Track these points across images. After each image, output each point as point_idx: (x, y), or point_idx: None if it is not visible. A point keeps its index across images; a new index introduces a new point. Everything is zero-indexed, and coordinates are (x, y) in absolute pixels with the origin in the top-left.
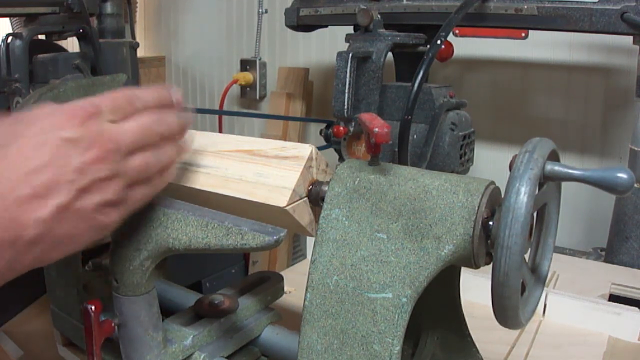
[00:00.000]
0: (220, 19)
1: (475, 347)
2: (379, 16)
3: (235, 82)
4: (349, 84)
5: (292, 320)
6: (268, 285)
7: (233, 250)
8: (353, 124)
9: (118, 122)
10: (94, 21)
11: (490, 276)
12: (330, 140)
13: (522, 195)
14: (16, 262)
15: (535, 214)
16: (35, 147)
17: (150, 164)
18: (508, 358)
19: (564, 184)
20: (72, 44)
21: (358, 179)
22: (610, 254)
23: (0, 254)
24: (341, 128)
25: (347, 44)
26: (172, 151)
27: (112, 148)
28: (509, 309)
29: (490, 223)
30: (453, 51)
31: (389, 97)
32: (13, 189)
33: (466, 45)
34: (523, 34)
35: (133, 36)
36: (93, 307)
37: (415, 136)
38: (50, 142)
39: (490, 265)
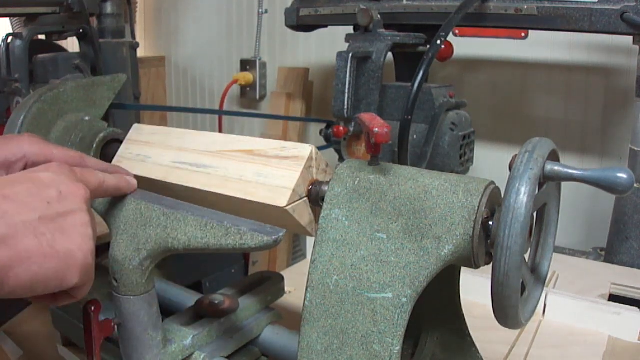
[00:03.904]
0: (220, 19)
1: (475, 347)
2: (379, 16)
3: (235, 82)
4: (349, 84)
5: (292, 320)
6: (268, 285)
7: (232, 250)
8: (353, 124)
9: None
10: (94, 21)
11: (490, 276)
12: (330, 140)
13: (522, 195)
14: None
15: (535, 214)
16: None
17: None
18: (508, 358)
19: (564, 184)
20: (72, 44)
21: (358, 179)
22: (610, 254)
23: None
24: (341, 128)
25: (347, 44)
26: None
27: None
28: (509, 309)
29: (490, 223)
30: (453, 51)
31: (389, 97)
32: None
33: (466, 45)
34: (523, 34)
35: (133, 36)
36: (93, 307)
37: (415, 136)
38: None
39: (490, 265)
